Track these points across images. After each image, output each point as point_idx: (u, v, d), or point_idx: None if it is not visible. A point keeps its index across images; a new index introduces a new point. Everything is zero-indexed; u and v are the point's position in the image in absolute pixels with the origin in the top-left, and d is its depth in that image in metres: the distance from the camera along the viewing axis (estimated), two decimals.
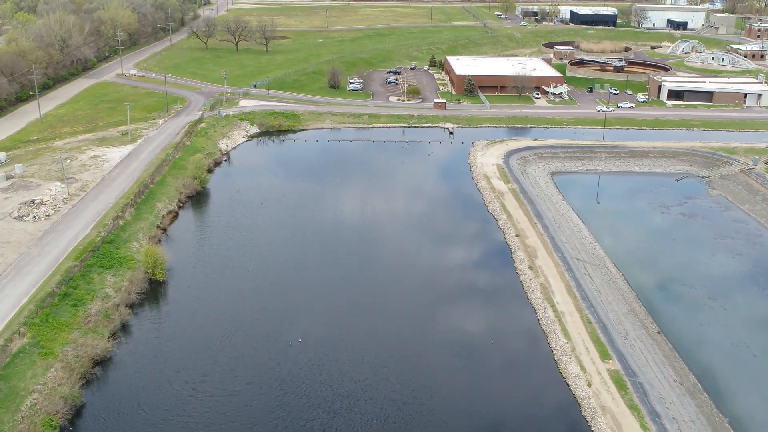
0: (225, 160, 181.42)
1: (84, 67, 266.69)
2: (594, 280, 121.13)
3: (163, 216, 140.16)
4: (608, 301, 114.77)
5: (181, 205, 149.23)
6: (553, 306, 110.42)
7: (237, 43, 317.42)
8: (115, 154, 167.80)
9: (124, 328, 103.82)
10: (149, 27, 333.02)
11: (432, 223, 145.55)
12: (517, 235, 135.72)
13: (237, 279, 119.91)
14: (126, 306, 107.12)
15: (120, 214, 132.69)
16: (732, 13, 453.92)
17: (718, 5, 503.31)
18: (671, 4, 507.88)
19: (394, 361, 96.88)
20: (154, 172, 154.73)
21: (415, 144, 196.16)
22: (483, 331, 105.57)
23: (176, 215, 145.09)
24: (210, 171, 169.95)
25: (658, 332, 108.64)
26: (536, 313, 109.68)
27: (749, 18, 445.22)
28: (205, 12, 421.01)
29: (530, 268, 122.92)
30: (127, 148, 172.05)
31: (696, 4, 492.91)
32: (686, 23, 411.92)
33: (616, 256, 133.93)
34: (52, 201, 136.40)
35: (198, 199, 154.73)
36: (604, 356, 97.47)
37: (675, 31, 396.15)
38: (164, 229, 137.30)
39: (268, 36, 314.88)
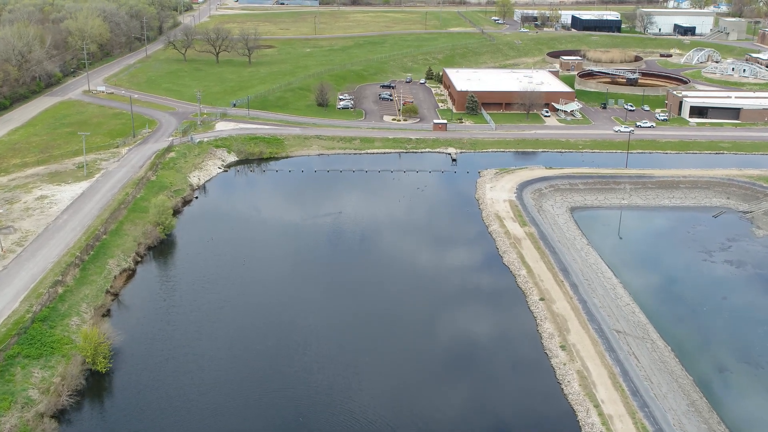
0: (196, 198, 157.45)
1: (47, 84, 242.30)
2: (641, 362, 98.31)
3: (115, 277, 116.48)
4: (663, 393, 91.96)
5: (140, 259, 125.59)
6: (597, 406, 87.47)
7: (217, 54, 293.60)
8: (66, 194, 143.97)
9: None
10: (123, 37, 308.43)
11: (438, 281, 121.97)
12: (541, 299, 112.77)
13: (204, 360, 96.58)
14: (53, 416, 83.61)
15: (60, 278, 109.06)
16: (739, 17, 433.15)
17: (723, 8, 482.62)
18: (673, 8, 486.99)
19: None
20: (109, 219, 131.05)
21: (413, 174, 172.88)
22: None
23: (132, 273, 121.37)
24: (177, 212, 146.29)
25: None
26: (576, 416, 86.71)
27: (759, 22, 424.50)
28: (185, 19, 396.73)
29: (562, 347, 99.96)
30: (81, 186, 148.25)
31: (700, 8, 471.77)
32: (694, 28, 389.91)
33: (660, 322, 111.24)
34: None
35: (161, 250, 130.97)
36: None
37: (683, 37, 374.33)
38: (115, 295, 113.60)
39: (251, 46, 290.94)
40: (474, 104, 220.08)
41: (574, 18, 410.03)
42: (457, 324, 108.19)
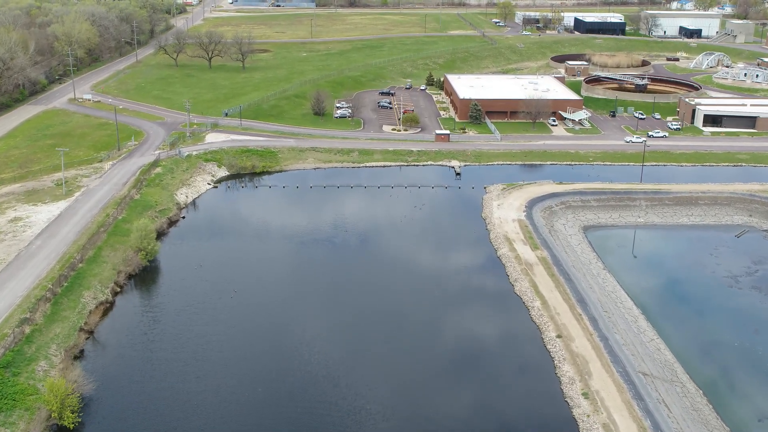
0: (183, 218, 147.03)
1: (32, 92, 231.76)
2: (673, 412, 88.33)
3: (90, 312, 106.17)
4: None
5: (119, 290, 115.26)
6: None
7: (210, 59, 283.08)
8: (43, 215, 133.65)
9: None
10: (112, 41, 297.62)
11: (447, 314, 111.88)
12: (558, 336, 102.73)
13: (190, 407, 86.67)
14: None
15: (29, 315, 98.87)
16: (744, 19, 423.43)
17: (728, 10, 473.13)
18: (677, 10, 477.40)
19: None
20: (86, 244, 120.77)
21: (416, 190, 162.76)
22: None
23: (110, 306, 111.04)
24: (163, 234, 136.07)
25: None
26: None
27: (765, 24, 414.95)
28: (178, 22, 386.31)
29: (585, 394, 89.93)
30: (58, 206, 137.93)
31: (705, 10, 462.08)
32: (700, 31, 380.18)
33: (688, 361, 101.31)
34: None
35: (143, 279, 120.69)
36: None
37: (689, 40, 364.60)
38: (90, 332, 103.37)
39: (245, 51, 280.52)
40: (477, 113, 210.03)
41: (576, 20, 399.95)
42: (470, 363, 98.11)
